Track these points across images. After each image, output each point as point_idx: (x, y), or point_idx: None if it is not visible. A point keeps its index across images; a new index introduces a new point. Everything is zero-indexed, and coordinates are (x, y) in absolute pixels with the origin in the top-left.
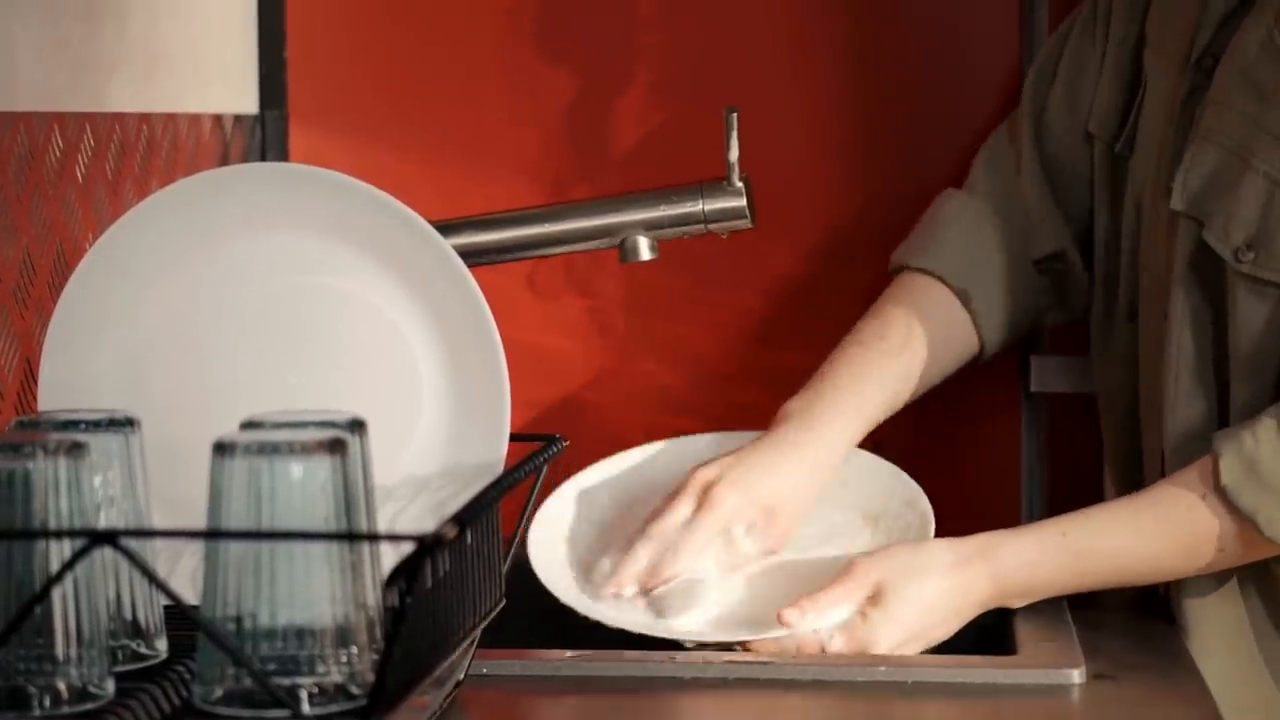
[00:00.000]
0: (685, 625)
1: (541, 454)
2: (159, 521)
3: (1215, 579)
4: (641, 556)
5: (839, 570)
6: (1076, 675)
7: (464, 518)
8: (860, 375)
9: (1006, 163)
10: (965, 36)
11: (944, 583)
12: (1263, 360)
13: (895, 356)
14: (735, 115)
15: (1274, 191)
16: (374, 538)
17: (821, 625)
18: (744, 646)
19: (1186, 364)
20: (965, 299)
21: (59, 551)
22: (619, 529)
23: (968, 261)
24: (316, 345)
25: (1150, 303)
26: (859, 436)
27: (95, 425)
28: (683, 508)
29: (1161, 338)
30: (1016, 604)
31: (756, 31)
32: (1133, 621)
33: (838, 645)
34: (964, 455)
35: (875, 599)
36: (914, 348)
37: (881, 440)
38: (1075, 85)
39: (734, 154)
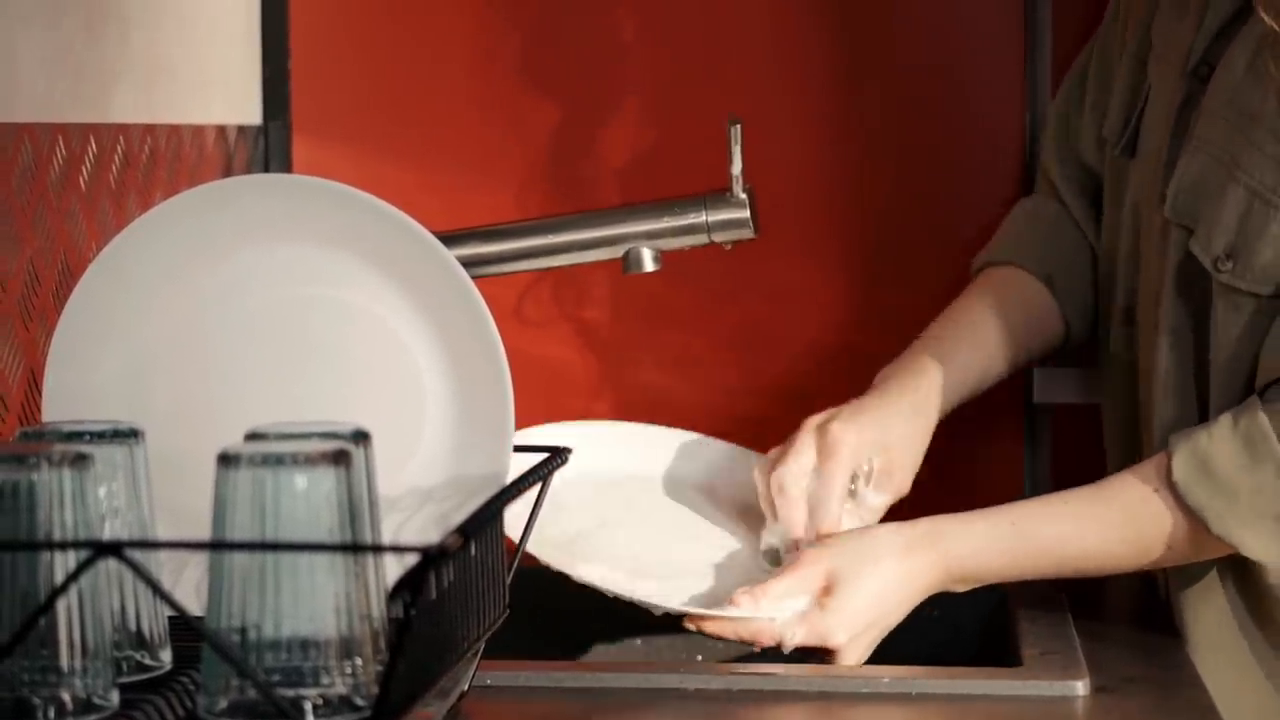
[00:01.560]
0: (649, 590)
1: (546, 465)
2: (162, 532)
3: (1213, 590)
4: (796, 516)
5: (787, 561)
6: (1080, 687)
7: (468, 529)
8: (948, 351)
9: (1048, 199)
10: (968, 40)
11: (896, 568)
12: (1238, 371)
13: (980, 335)
14: (738, 127)
15: (1253, 202)
16: (378, 549)
17: (776, 614)
18: (698, 626)
19: (1171, 373)
20: (1048, 283)
21: (64, 563)
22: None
23: (1046, 250)
24: (320, 356)
25: (1147, 309)
26: (948, 407)
27: (100, 436)
28: (805, 452)
29: (1153, 346)
30: (961, 589)
31: (758, 42)
32: (1136, 633)
33: (799, 638)
34: (966, 466)
35: (829, 589)
36: (998, 326)
37: None
38: (1102, 94)
39: (737, 165)
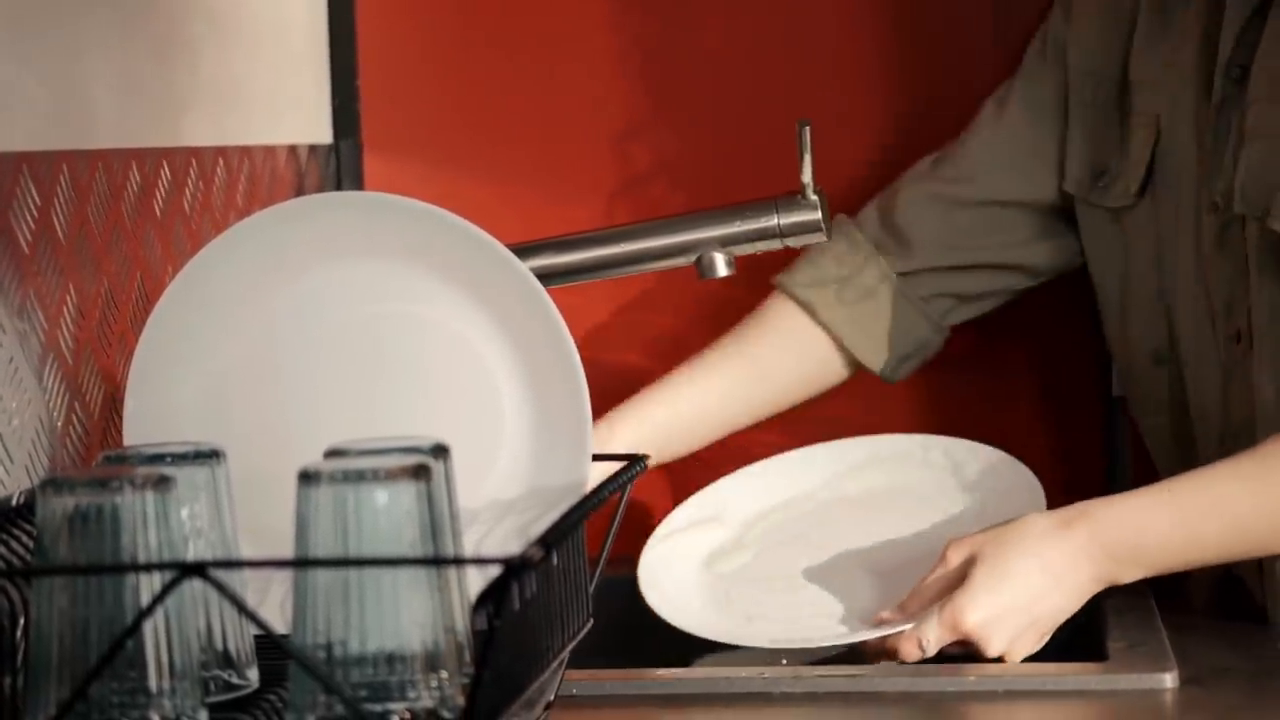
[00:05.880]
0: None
1: (625, 473)
2: (245, 552)
3: None
4: None
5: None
6: (1169, 680)
7: (550, 540)
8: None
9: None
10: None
11: (1041, 548)
12: None
13: (728, 369)
14: (808, 129)
15: None
16: (460, 562)
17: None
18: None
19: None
20: (810, 311)
21: (149, 584)
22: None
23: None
24: (397, 372)
25: (1200, 337)
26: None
27: (181, 458)
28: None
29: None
30: (1131, 574)
31: (827, 45)
32: (1224, 625)
33: (933, 634)
34: (1046, 461)
35: (964, 572)
36: (753, 361)
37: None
38: (1042, 147)
39: (808, 170)
